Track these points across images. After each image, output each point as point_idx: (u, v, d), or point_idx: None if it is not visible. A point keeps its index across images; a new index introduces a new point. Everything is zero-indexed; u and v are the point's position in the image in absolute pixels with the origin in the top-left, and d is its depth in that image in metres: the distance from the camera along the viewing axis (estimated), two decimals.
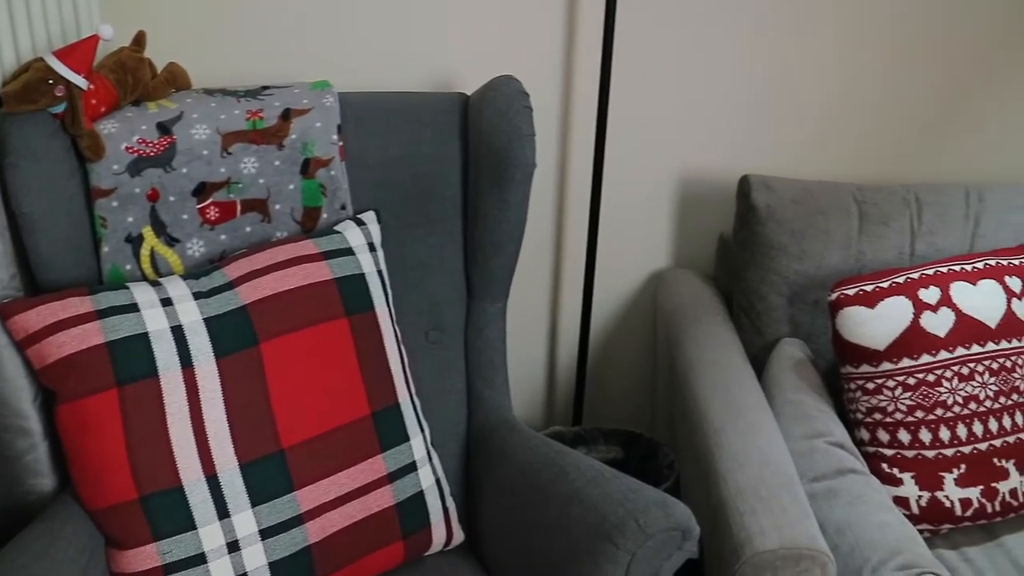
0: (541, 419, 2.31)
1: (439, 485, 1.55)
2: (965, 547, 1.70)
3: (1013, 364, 1.73)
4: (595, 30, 1.95)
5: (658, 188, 2.11)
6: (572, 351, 2.24)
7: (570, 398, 2.29)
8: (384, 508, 1.46)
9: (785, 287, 1.89)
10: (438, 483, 1.55)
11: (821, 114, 2.09)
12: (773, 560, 1.31)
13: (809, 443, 1.60)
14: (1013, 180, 2.19)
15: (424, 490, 1.51)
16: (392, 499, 1.46)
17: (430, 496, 1.52)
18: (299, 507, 1.37)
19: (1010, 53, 2.09)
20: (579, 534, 1.36)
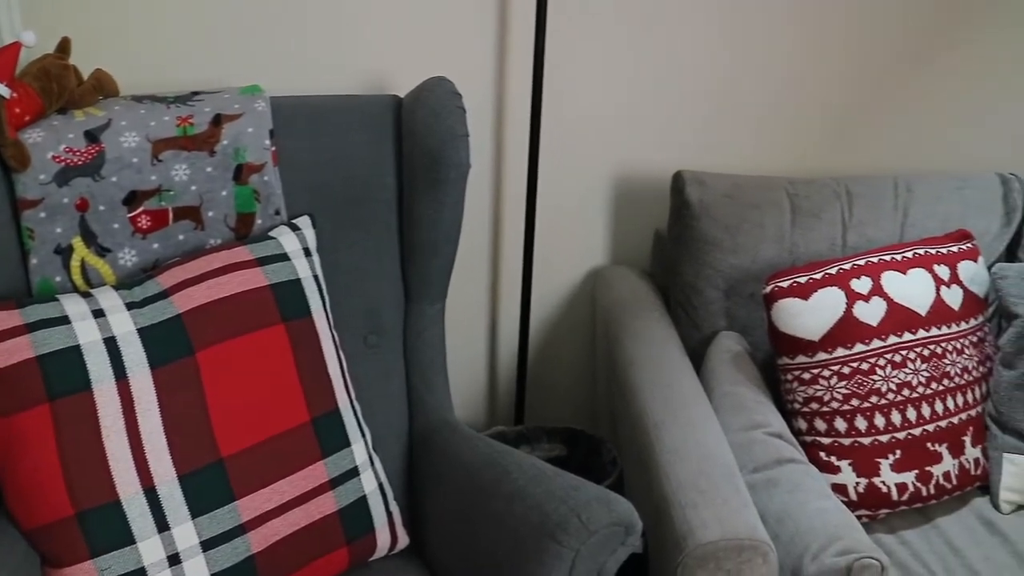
0: (483, 420, 2.31)
1: (382, 490, 1.54)
2: (902, 530, 1.74)
3: (943, 350, 1.77)
4: (527, 29, 1.96)
5: (594, 186, 2.12)
6: (512, 351, 2.25)
7: (512, 398, 2.29)
8: (327, 514, 1.45)
9: (721, 281, 1.91)
10: (381, 488, 1.54)
11: (752, 110, 2.11)
12: (715, 551, 1.32)
13: (748, 434, 1.62)
14: (939, 170, 2.24)
15: (367, 495, 1.50)
16: (335, 505, 1.45)
17: (373, 501, 1.51)
18: (240, 517, 1.36)
19: (933, 46, 2.14)
20: (523, 533, 1.36)
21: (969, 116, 2.22)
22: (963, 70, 2.17)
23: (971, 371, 1.81)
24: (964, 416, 1.79)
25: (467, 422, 2.27)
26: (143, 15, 1.75)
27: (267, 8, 1.80)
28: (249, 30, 1.81)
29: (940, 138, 2.23)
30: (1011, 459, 1.80)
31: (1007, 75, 2.19)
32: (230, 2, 1.78)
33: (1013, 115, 2.23)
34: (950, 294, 1.80)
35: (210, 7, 1.77)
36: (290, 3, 1.81)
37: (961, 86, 2.18)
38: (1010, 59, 2.18)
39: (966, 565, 1.64)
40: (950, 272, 1.83)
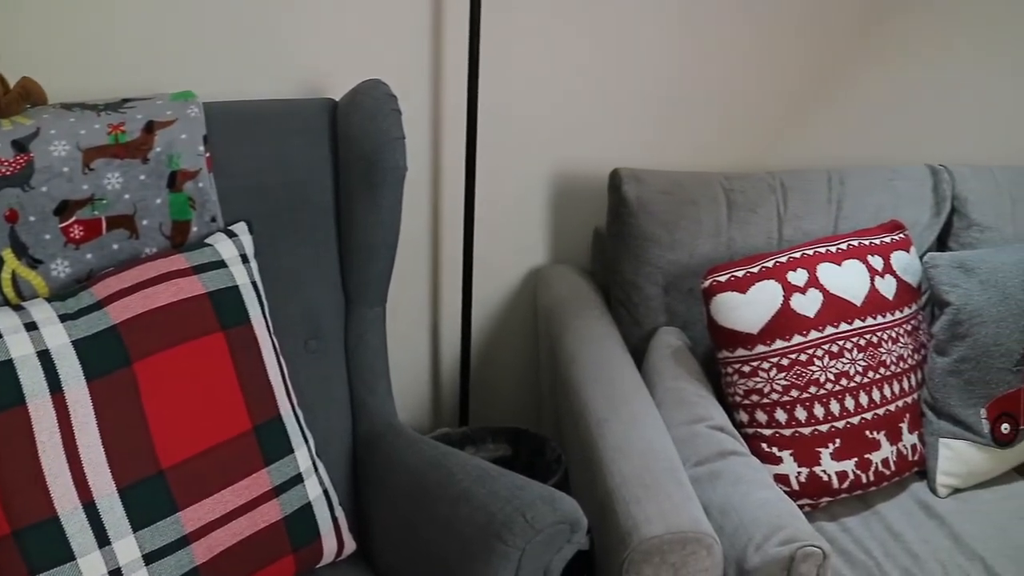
0: (428, 422, 2.30)
1: (327, 496, 1.53)
2: (843, 518, 1.77)
3: (879, 340, 1.80)
4: (461, 29, 1.96)
5: (532, 185, 2.13)
6: (455, 352, 2.24)
7: (456, 399, 2.29)
8: (272, 523, 1.43)
9: (660, 277, 1.93)
10: (326, 494, 1.53)
11: (688, 107, 2.13)
12: (660, 545, 1.33)
13: (690, 428, 1.64)
14: (871, 163, 2.28)
15: (312, 501, 1.49)
16: (279, 513, 1.44)
17: (318, 507, 1.50)
18: (183, 528, 1.34)
19: (862, 42, 2.17)
20: (469, 534, 1.37)
21: (898, 109, 2.26)
22: (891, 65, 2.21)
23: (906, 359, 1.84)
24: (901, 403, 1.82)
25: (411, 425, 2.26)
26: (71, 22, 1.71)
27: (199, 13, 1.78)
28: (181, 36, 1.79)
29: (871, 131, 2.27)
30: (946, 444, 1.84)
31: (933, 69, 2.24)
32: (161, 8, 1.75)
33: (940, 107, 2.28)
34: (884, 284, 1.84)
35: (141, 13, 1.75)
36: (223, 8, 1.79)
37: (889, 80, 2.23)
38: (935, 53, 2.22)
39: (906, 549, 1.67)
40: (884, 262, 1.86)
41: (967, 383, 1.82)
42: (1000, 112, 2.33)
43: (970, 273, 1.83)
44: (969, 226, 2.11)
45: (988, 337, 1.81)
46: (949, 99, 2.28)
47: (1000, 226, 2.10)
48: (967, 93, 2.29)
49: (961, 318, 1.81)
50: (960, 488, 1.86)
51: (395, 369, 2.18)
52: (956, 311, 1.81)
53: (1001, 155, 2.36)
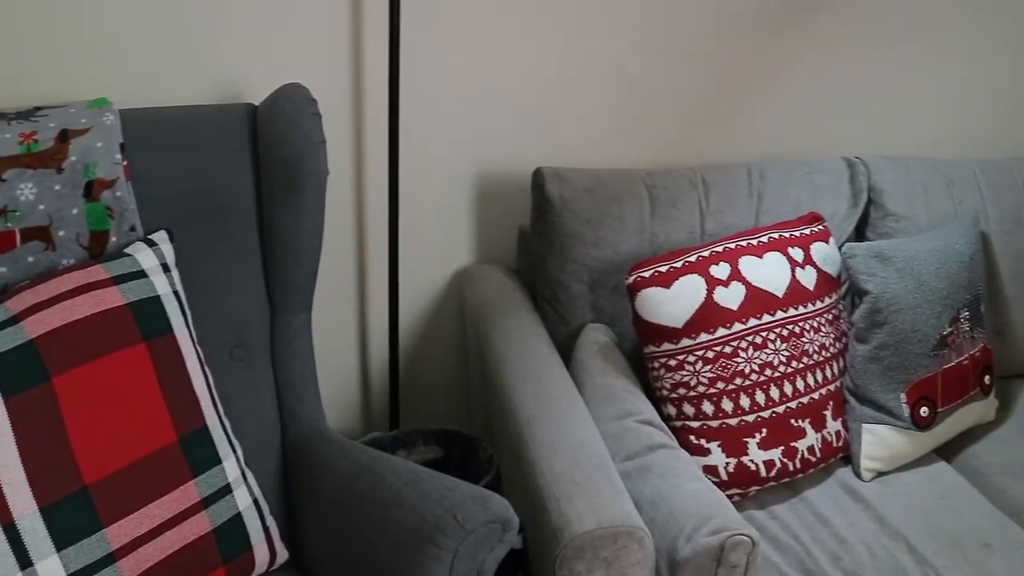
0: (358, 427, 2.29)
1: (257, 505, 1.51)
2: (772, 505, 1.79)
3: (801, 330, 1.83)
4: (381, 31, 1.95)
5: (456, 185, 2.13)
6: (383, 356, 2.23)
7: (386, 403, 2.28)
8: (201, 535, 1.41)
9: (585, 274, 1.94)
10: (256, 503, 1.51)
11: (609, 105, 2.15)
12: (592, 541, 1.34)
13: (619, 423, 1.65)
14: (789, 156, 2.32)
15: (242, 512, 1.47)
16: (209, 525, 1.42)
17: (249, 517, 1.48)
18: (109, 545, 1.31)
19: (778, 38, 2.21)
20: (401, 537, 1.36)
21: (813, 104, 2.30)
22: (805, 61, 2.25)
23: (828, 348, 1.88)
24: (824, 391, 1.86)
25: (342, 430, 2.25)
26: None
27: (113, 19, 1.75)
28: (95, 42, 1.75)
29: (788, 126, 2.30)
30: (869, 429, 1.87)
31: (846, 63, 2.28)
32: (73, 13, 1.72)
33: (854, 101, 2.33)
34: (805, 275, 1.87)
35: (52, 19, 1.71)
36: (138, 14, 1.76)
37: (804, 76, 2.26)
38: (848, 48, 2.27)
39: (833, 533, 1.70)
40: (804, 254, 1.90)
41: (887, 369, 1.86)
42: (910, 104, 2.38)
43: (887, 262, 1.87)
44: (885, 216, 2.15)
45: (906, 324, 1.85)
46: (862, 93, 2.33)
47: (915, 215, 2.15)
48: (879, 87, 2.34)
49: (879, 306, 1.85)
50: (883, 471, 1.90)
51: (323, 375, 2.16)
52: (874, 299, 1.85)
53: (913, 146, 2.42)
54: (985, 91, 2.43)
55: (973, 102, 2.43)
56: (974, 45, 2.37)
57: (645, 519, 1.47)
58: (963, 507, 1.80)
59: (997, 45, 2.39)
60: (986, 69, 2.41)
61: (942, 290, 1.90)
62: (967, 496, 1.84)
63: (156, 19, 1.78)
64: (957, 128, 2.45)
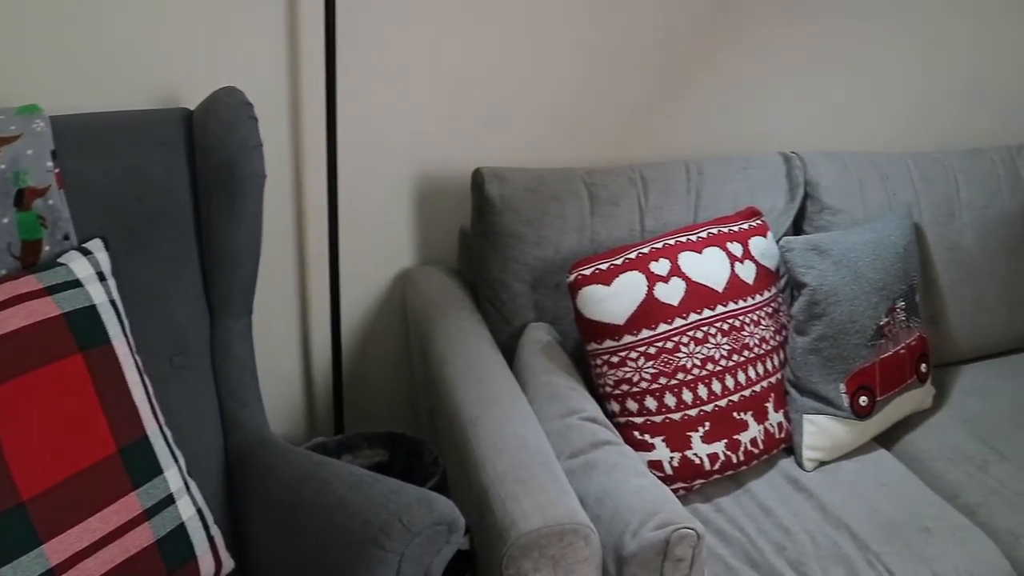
0: (303, 432, 2.27)
1: (201, 515, 1.50)
2: (717, 498, 1.81)
3: (741, 323, 1.85)
4: (317, 33, 1.94)
5: (396, 187, 2.12)
6: (326, 360, 2.22)
7: (330, 407, 2.27)
8: (144, 547, 1.39)
9: (527, 274, 1.94)
10: (200, 513, 1.49)
11: (548, 103, 2.15)
12: (538, 539, 1.34)
13: (564, 421, 1.65)
14: (726, 152, 2.34)
15: (185, 522, 1.46)
16: (152, 536, 1.40)
17: (192, 527, 1.47)
18: (49, 561, 1.29)
19: (714, 36, 2.23)
20: (347, 542, 1.35)
21: (750, 100, 2.32)
22: (743, 57, 2.27)
23: (768, 340, 1.90)
24: (765, 383, 1.88)
25: (286, 436, 2.23)
26: None
27: (44, 25, 1.72)
28: (23, 47, 1.72)
29: (725, 122, 2.33)
30: (810, 419, 1.90)
31: (781, 59, 2.31)
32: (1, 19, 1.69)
33: (790, 96, 2.36)
34: (744, 269, 1.89)
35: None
36: (68, 18, 1.73)
37: (739, 73, 2.29)
38: (783, 44, 2.30)
39: (777, 523, 1.73)
40: (742, 248, 1.92)
41: (826, 360, 1.89)
42: (844, 100, 2.42)
43: (824, 255, 1.90)
44: (822, 210, 2.18)
45: (843, 315, 1.88)
46: (798, 89, 2.36)
47: (851, 208, 2.18)
48: (814, 83, 2.37)
49: (817, 298, 1.87)
50: (825, 461, 1.92)
51: (265, 380, 2.15)
52: (812, 292, 1.88)
53: (847, 140, 2.46)
54: (915, 87, 2.48)
55: (905, 98, 2.48)
56: (902, 45, 2.42)
57: (591, 516, 1.48)
58: (902, 493, 1.83)
59: (924, 45, 2.44)
60: (914, 67, 2.46)
61: (878, 281, 1.93)
62: (906, 482, 1.87)
63: (87, 24, 1.75)
64: (888, 122, 2.49)
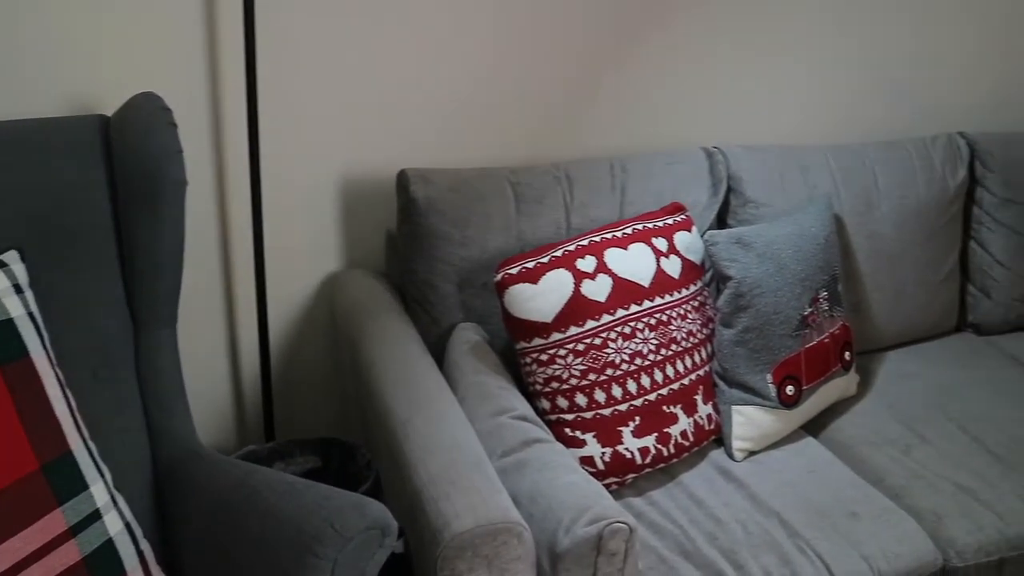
0: (234, 441, 2.24)
1: (130, 529, 1.47)
2: (649, 491, 1.83)
3: (668, 318, 1.87)
4: (236, 37, 1.92)
5: (321, 191, 2.10)
6: (255, 367, 2.19)
7: (260, 415, 2.24)
8: (71, 565, 1.37)
9: (454, 274, 1.94)
10: (128, 527, 1.47)
11: (471, 103, 2.15)
12: (471, 539, 1.34)
13: (494, 420, 1.66)
14: (650, 149, 2.36)
15: (113, 538, 1.43)
16: (79, 554, 1.38)
17: (121, 543, 1.44)
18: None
19: (636, 34, 2.25)
20: (280, 551, 1.34)
21: (671, 96, 2.35)
22: (665, 54, 2.30)
23: (695, 334, 1.93)
24: (694, 376, 1.90)
25: (216, 446, 2.20)
26: None
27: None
28: None
29: (648, 119, 2.35)
30: (739, 410, 1.93)
31: (701, 56, 2.34)
32: None
33: (712, 92, 2.39)
34: (669, 264, 1.91)
35: None
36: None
37: (663, 68, 2.31)
38: (704, 41, 2.33)
39: (709, 514, 1.75)
40: (668, 244, 1.94)
41: (752, 351, 1.92)
42: (766, 95, 2.46)
43: (747, 248, 1.93)
44: (745, 203, 2.22)
45: (768, 306, 1.91)
46: (720, 85, 2.39)
47: (772, 201, 2.22)
48: (735, 79, 2.40)
49: (742, 290, 1.90)
50: (754, 451, 1.95)
51: (193, 390, 2.12)
52: (737, 284, 1.90)
53: (768, 135, 2.50)
54: (832, 82, 2.53)
55: (822, 92, 2.53)
56: (820, 41, 2.46)
57: (524, 514, 1.48)
58: (830, 479, 1.87)
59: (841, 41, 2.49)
60: (832, 62, 2.50)
61: (800, 272, 1.97)
62: (833, 468, 1.91)
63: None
64: (808, 116, 2.53)
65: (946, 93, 2.69)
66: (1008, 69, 2.75)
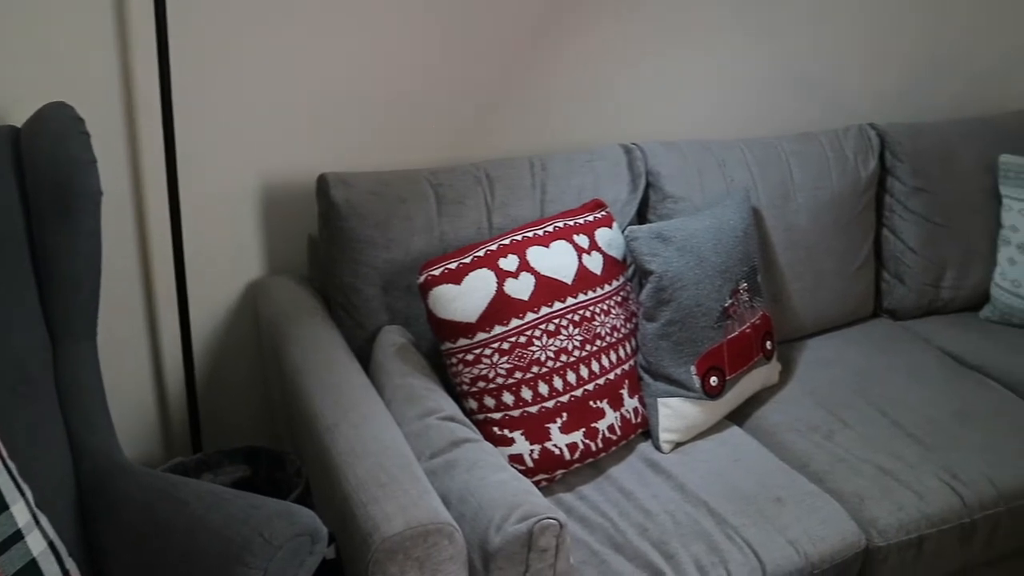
0: (160, 454, 2.21)
1: (53, 548, 1.44)
2: (579, 486, 1.84)
3: (592, 314, 1.89)
4: (149, 43, 1.89)
5: (241, 197, 2.08)
6: (179, 377, 2.16)
7: (186, 426, 2.21)
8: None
9: (377, 278, 1.94)
10: (52, 546, 1.44)
11: (389, 105, 2.15)
12: (402, 542, 1.34)
13: (422, 422, 1.66)
14: (569, 147, 2.38)
15: (36, 558, 1.40)
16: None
17: (45, 563, 1.41)
18: None
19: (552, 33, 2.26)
20: (209, 563, 1.33)
21: (588, 94, 2.37)
22: (580, 52, 2.31)
23: (619, 329, 1.95)
24: (619, 371, 1.92)
25: (142, 459, 2.17)
26: None
27: None
28: None
29: (568, 116, 2.36)
30: (664, 402, 1.95)
31: (617, 54, 2.36)
32: None
33: (628, 90, 2.41)
34: (591, 261, 1.93)
35: None
36: None
37: (580, 67, 2.33)
38: (620, 39, 2.35)
39: (638, 506, 1.77)
40: (589, 240, 1.95)
41: (676, 344, 1.94)
42: (682, 91, 2.49)
43: (667, 242, 1.95)
44: (664, 198, 2.25)
45: (690, 299, 1.94)
46: (634, 82, 2.41)
47: (691, 196, 2.25)
48: (649, 75, 2.43)
49: (664, 284, 1.93)
50: (681, 442, 1.98)
51: (116, 403, 2.08)
52: (659, 278, 1.93)
53: (686, 130, 2.54)
54: (746, 76, 2.57)
55: (734, 86, 2.57)
56: (729, 35, 2.50)
57: (454, 514, 1.49)
58: (755, 467, 1.90)
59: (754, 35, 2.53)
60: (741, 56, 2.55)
61: (720, 264, 2.00)
62: (758, 456, 1.94)
63: None
64: (724, 111, 2.57)
65: (852, 85, 2.75)
66: (910, 59, 2.82)
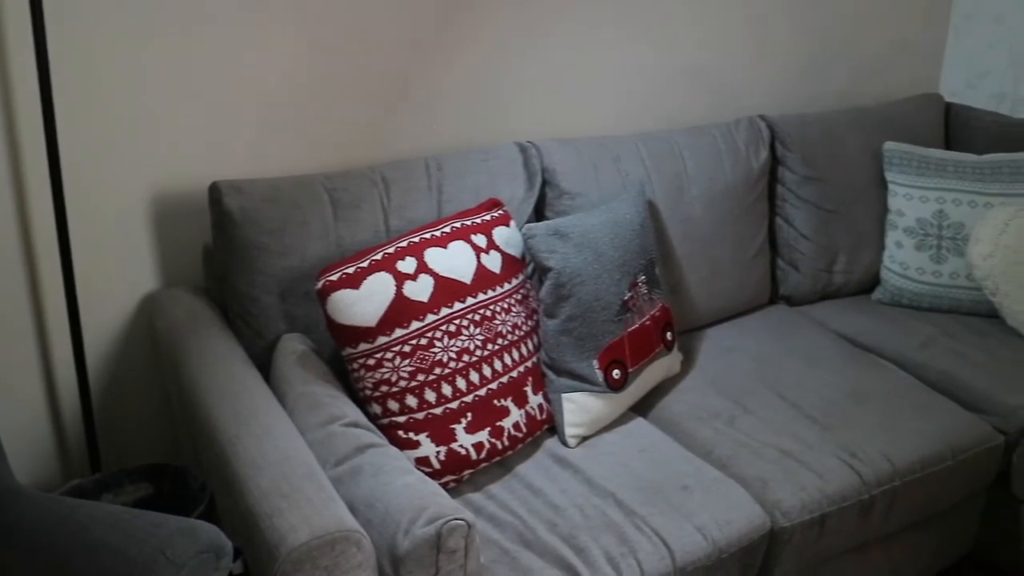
0: (58, 477, 2.14)
1: None
2: (487, 485, 1.85)
3: (492, 312, 1.89)
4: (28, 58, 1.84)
5: (131, 209, 2.03)
6: (74, 396, 2.10)
7: (83, 446, 2.15)
8: None
9: (274, 285, 1.91)
10: None
11: (280, 111, 2.12)
12: (309, 552, 1.33)
13: (325, 429, 1.64)
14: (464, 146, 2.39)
15: None
16: None
17: None
18: None
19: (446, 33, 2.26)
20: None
21: (481, 93, 2.37)
22: (471, 51, 2.32)
23: (521, 326, 1.96)
24: (522, 368, 1.93)
25: (38, 484, 2.10)
26: None
27: None
28: None
29: (461, 116, 2.37)
30: (569, 398, 1.97)
31: (509, 52, 2.37)
32: None
33: (520, 88, 2.43)
34: (490, 260, 1.93)
35: None
36: None
37: (472, 66, 2.33)
38: (512, 37, 2.36)
39: (547, 502, 1.78)
40: (487, 239, 1.96)
41: (577, 339, 1.96)
42: (576, 89, 2.51)
43: (565, 238, 1.97)
44: (560, 195, 2.26)
45: (589, 294, 1.96)
46: (531, 81, 2.43)
47: (587, 192, 2.27)
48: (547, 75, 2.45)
49: (563, 280, 1.94)
50: (587, 436, 2.00)
51: (8, 427, 2.01)
52: (557, 275, 1.94)
53: (580, 126, 2.56)
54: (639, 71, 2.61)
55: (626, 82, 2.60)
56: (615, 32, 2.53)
57: (362, 520, 1.48)
58: (661, 456, 1.93)
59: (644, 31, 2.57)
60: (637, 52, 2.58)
61: (618, 258, 2.02)
62: (663, 446, 1.97)
63: None
64: (616, 107, 2.61)
65: (740, 78, 2.81)
66: (796, 51, 2.90)
